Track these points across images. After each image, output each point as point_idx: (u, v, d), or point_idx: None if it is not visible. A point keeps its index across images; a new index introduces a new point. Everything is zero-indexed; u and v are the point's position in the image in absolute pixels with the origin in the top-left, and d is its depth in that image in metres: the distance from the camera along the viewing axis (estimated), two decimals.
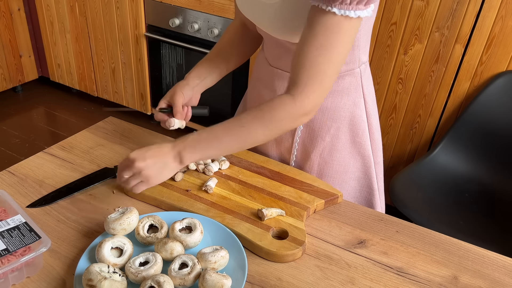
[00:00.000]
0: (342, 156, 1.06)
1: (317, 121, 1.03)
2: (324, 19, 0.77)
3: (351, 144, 1.06)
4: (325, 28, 0.77)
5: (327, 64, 0.79)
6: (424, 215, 1.71)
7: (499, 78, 1.81)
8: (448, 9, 1.80)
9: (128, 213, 0.84)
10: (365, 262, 0.85)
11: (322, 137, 1.04)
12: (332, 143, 1.04)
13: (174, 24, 2.41)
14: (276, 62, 1.02)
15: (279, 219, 0.91)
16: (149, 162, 0.83)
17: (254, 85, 1.13)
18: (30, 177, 1.02)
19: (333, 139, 1.04)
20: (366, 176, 1.10)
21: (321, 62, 0.79)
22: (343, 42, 0.79)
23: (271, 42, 1.00)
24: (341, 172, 1.08)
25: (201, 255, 0.78)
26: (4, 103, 3.15)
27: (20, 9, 3.02)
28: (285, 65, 1.00)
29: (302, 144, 1.06)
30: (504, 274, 0.85)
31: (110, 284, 0.71)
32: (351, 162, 1.07)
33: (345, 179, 1.08)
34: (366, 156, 1.07)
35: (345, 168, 1.07)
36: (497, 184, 1.85)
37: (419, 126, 2.07)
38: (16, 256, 0.75)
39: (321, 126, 1.03)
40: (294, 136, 1.06)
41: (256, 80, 1.12)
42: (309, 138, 1.05)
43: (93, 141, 1.15)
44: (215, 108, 2.57)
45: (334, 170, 1.07)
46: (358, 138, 1.05)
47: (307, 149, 1.06)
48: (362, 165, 1.08)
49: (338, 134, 1.04)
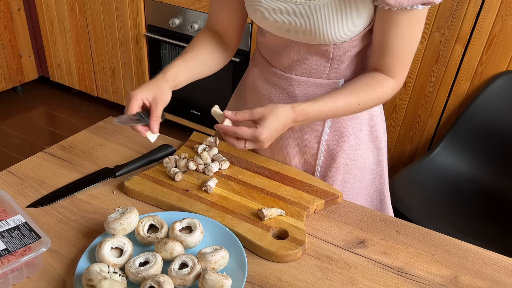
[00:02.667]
0: (362, 152, 1.07)
1: (342, 121, 1.03)
2: (408, 16, 0.84)
3: (370, 139, 1.07)
4: (409, 24, 0.85)
5: (413, 48, 0.90)
6: (424, 215, 1.71)
7: (499, 78, 1.81)
8: (448, 9, 1.80)
9: (128, 213, 0.84)
10: (365, 262, 0.85)
11: (348, 136, 1.04)
12: (355, 140, 1.05)
13: (174, 24, 2.42)
14: (293, 69, 0.99)
15: (279, 219, 0.91)
16: (272, 137, 0.88)
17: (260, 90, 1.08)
18: (30, 177, 1.02)
19: (356, 136, 1.05)
20: (379, 167, 1.12)
21: (409, 50, 0.90)
22: (422, 27, 0.89)
23: (290, 50, 0.97)
24: (361, 168, 1.09)
25: (201, 255, 0.78)
26: (4, 103, 3.15)
27: (20, 9, 3.02)
28: (303, 71, 0.98)
29: (327, 147, 1.06)
30: (504, 274, 0.85)
31: (110, 284, 0.71)
32: (368, 155, 1.09)
33: (363, 174, 1.10)
34: (381, 149, 1.10)
35: (364, 163, 1.09)
36: (497, 184, 1.85)
37: (419, 126, 2.07)
38: (16, 256, 0.75)
39: (347, 125, 1.03)
40: (320, 141, 1.05)
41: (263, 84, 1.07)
42: (335, 140, 1.05)
43: (93, 141, 1.15)
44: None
45: (356, 166, 1.08)
46: (376, 132, 1.07)
47: (332, 152, 1.06)
48: (376, 158, 1.10)
49: (360, 131, 1.05)
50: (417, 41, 0.90)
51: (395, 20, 0.85)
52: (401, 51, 0.89)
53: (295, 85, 1.01)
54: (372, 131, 1.07)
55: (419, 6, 0.82)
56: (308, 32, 0.89)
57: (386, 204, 1.15)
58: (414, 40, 0.89)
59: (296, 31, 0.91)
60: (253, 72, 1.10)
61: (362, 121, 1.05)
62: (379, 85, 0.92)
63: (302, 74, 0.99)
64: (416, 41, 0.89)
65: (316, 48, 0.93)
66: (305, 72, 0.99)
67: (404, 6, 0.82)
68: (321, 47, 0.93)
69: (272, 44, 1.01)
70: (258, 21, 0.96)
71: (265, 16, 0.93)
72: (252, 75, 1.11)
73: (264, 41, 1.04)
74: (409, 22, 0.85)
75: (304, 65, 0.98)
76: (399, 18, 0.84)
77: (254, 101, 1.11)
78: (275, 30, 0.96)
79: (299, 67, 0.98)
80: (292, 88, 1.01)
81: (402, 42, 0.88)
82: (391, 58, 0.90)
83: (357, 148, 1.06)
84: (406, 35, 0.87)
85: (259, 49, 1.08)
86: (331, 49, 0.93)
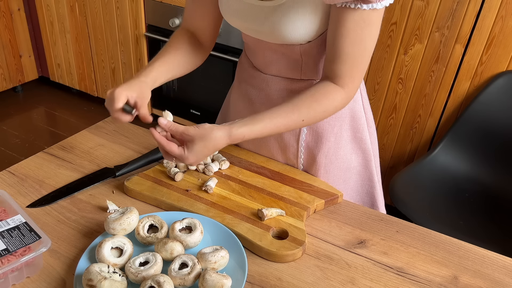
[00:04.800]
0: (345, 153, 1.07)
1: (320, 123, 1.03)
2: (353, 15, 0.81)
3: (353, 140, 1.07)
4: (355, 24, 0.82)
5: (364, 54, 0.86)
6: (424, 215, 1.70)
7: (499, 78, 1.81)
8: (448, 9, 1.80)
9: (128, 213, 0.84)
10: (365, 262, 0.85)
11: (327, 138, 1.04)
12: (336, 142, 1.05)
13: (174, 24, 2.42)
14: (269, 68, 1.01)
15: (279, 219, 0.91)
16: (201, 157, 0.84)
17: (242, 89, 1.10)
18: (30, 177, 1.02)
19: (336, 137, 1.04)
20: (367, 170, 1.11)
21: (358, 54, 0.85)
22: (374, 32, 0.85)
23: (262, 50, 0.98)
24: (345, 169, 1.08)
25: (201, 255, 0.78)
26: (4, 103, 3.15)
27: (20, 9, 3.02)
28: (279, 71, 0.99)
29: (307, 147, 1.06)
30: (504, 274, 0.85)
31: (110, 284, 0.71)
32: (353, 157, 1.08)
33: (348, 175, 1.09)
34: (367, 150, 1.09)
35: (348, 165, 1.08)
36: (497, 184, 1.85)
37: (419, 126, 2.07)
38: (16, 256, 0.75)
39: (325, 127, 1.03)
40: (299, 141, 1.06)
41: (244, 84, 1.09)
42: (314, 140, 1.05)
43: (93, 141, 1.15)
44: (213, 108, 2.57)
45: (338, 168, 1.07)
46: (359, 133, 1.06)
47: (312, 152, 1.06)
48: (363, 160, 1.09)
49: (341, 132, 1.04)
50: (368, 47, 0.85)
51: (342, 19, 0.82)
52: (349, 55, 0.85)
53: (271, 85, 1.01)
54: (355, 133, 1.06)
55: (362, 6, 0.79)
56: (268, 32, 0.90)
57: (378, 207, 1.14)
58: (364, 46, 0.84)
59: (259, 31, 0.92)
60: (239, 71, 1.12)
61: (342, 123, 1.04)
62: (325, 97, 0.88)
63: (278, 74, 1.00)
64: (366, 47, 0.85)
65: (284, 47, 0.93)
66: (280, 72, 0.99)
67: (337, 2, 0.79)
68: (289, 47, 0.93)
69: (248, 44, 1.03)
70: (231, 23, 0.97)
71: (232, 16, 0.94)
72: (238, 74, 1.13)
73: (244, 41, 1.05)
74: (356, 23, 0.81)
75: (278, 65, 0.98)
76: (345, 18, 0.81)
77: (237, 102, 1.13)
78: (245, 30, 0.97)
79: (274, 66, 0.99)
80: (268, 88, 1.02)
81: (349, 44, 0.83)
82: (339, 62, 0.86)
83: (338, 149, 1.05)
84: (354, 38, 0.83)
85: (244, 49, 1.10)
86: (298, 49, 0.92)
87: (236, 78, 1.14)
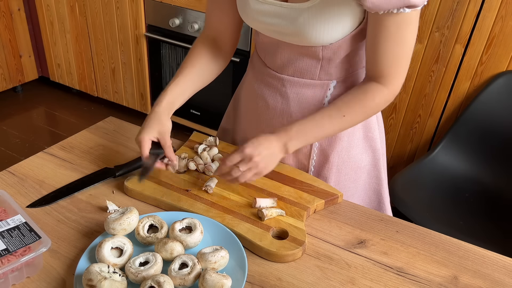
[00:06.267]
0: (356, 153, 1.07)
1: None
2: (395, 19, 0.82)
3: (364, 139, 1.07)
4: (397, 26, 0.83)
5: (406, 54, 0.88)
6: (424, 215, 1.71)
7: (499, 78, 1.81)
8: (448, 9, 1.80)
9: (128, 213, 0.84)
10: (365, 262, 0.85)
11: (340, 137, 1.04)
12: (348, 141, 1.05)
13: (174, 24, 2.42)
14: (285, 69, 1.00)
15: (279, 219, 0.91)
16: (264, 155, 0.88)
17: (255, 88, 1.09)
18: (30, 177, 1.02)
19: (349, 137, 1.05)
20: (376, 168, 1.11)
21: (401, 54, 0.88)
22: (415, 30, 0.86)
23: (281, 50, 0.98)
24: (356, 168, 1.08)
25: (201, 255, 0.78)
26: (4, 103, 3.15)
27: (20, 9, 3.02)
28: (296, 72, 0.99)
29: (320, 148, 1.06)
30: (504, 274, 0.85)
31: (110, 284, 0.71)
32: (363, 157, 1.08)
33: (358, 174, 1.10)
34: (377, 149, 1.09)
35: (359, 164, 1.08)
36: (497, 184, 1.85)
37: (419, 126, 2.07)
38: (16, 256, 0.75)
39: None
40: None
41: (257, 84, 1.08)
42: (328, 140, 1.05)
43: (93, 141, 1.15)
44: (215, 108, 2.57)
45: (350, 167, 1.08)
46: (370, 133, 1.07)
47: (325, 152, 1.06)
48: (372, 158, 1.10)
49: (353, 132, 1.05)
50: (410, 45, 0.87)
51: (383, 23, 0.83)
52: (393, 56, 0.87)
53: (287, 85, 1.01)
54: (367, 132, 1.07)
55: (406, 9, 0.80)
56: (294, 34, 0.90)
57: (385, 205, 1.14)
58: (406, 45, 0.87)
59: (284, 33, 0.92)
60: (251, 72, 1.12)
61: None
62: (366, 95, 0.91)
63: (294, 74, 1.00)
64: (408, 46, 0.87)
65: (305, 49, 0.94)
66: (296, 73, 0.99)
67: (382, 10, 0.80)
68: (310, 49, 0.93)
69: (265, 45, 1.02)
70: (249, 23, 0.97)
71: (254, 18, 0.94)
72: (249, 75, 1.12)
73: (258, 41, 1.05)
74: (398, 25, 0.83)
75: (295, 66, 0.98)
76: (387, 22, 0.83)
77: (248, 101, 1.12)
78: (266, 32, 0.96)
79: (291, 67, 0.99)
80: (284, 89, 1.02)
81: (392, 46, 0.86)
82: (382, 63, 0.88)
83: (350, 149, 1.06)
84: (396, 39, 0.85)
85: (256, 49, 1.10)
86: (320, 51, 0.92)
87: (247, 77, 1.14)
